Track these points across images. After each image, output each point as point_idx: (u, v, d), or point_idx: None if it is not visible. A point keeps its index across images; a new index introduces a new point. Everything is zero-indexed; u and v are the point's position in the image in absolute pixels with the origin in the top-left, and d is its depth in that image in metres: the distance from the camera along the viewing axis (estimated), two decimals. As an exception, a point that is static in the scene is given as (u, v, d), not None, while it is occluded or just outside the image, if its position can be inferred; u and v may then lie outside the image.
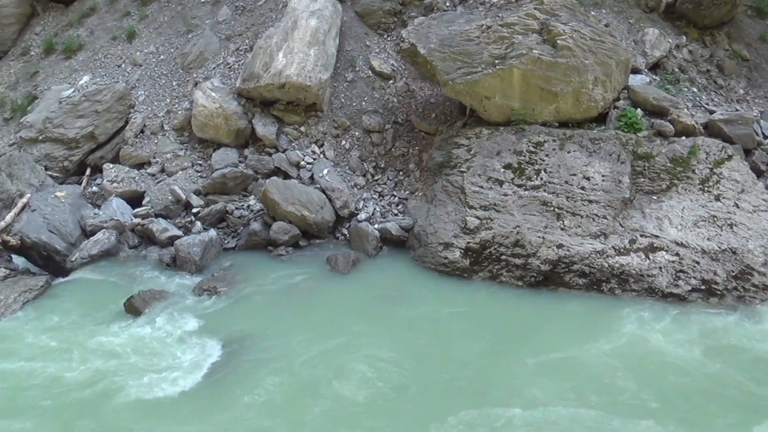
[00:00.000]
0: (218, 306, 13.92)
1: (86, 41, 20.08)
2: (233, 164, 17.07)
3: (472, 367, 11.93)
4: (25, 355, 12.21)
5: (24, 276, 14.77)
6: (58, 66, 19.91)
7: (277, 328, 13.15)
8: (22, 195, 16.19)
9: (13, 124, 18.99)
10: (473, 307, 13.95)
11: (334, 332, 12.94)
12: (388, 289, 14.59)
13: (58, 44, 20.23)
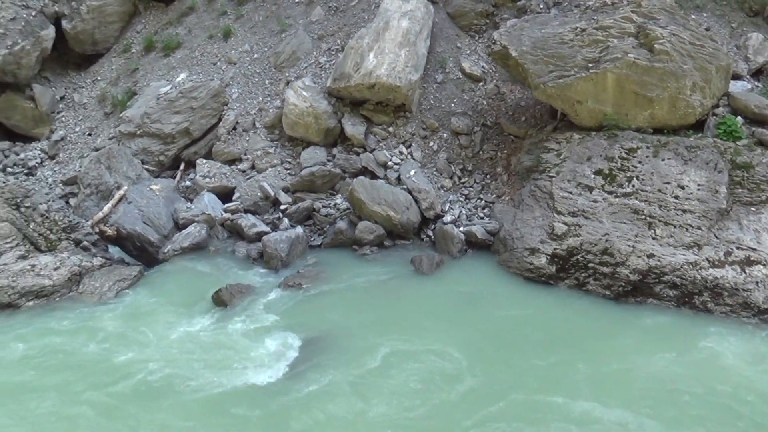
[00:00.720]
0: (302, 302, 14.08)
1: (184, 39, 20.66)
2: (322, 163, 17.25)
3: (540, 373, 11.77)
4: (114, 341, 12.65)
5: (119, 265, 15.29)
6: (157, 63, 20.54)
7: (359, 326, 13.21)
8: (119, 187, 16.78)
9: (113, 118, 19.71)
10: (555, 314, 13.70)
11: (415, 332, 12.93)
12: (471, 293, 14.49)
13: (158, 42, 20.87)
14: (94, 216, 16.30)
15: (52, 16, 20.79)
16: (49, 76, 21.20)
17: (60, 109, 20.76)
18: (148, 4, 21.93)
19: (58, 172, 19.04)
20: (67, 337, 12.74)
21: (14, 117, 20.35)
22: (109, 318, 13.40)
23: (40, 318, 13.31)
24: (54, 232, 15.25)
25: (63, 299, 13.96)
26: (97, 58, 21.67)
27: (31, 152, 19.89)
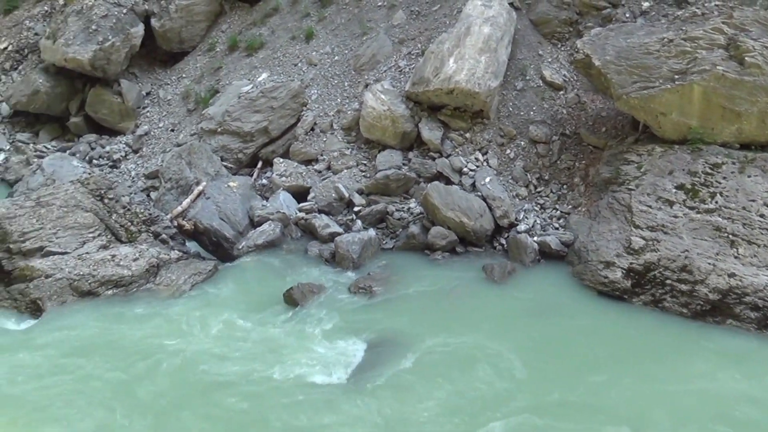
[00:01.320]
0: (371, 304, 14.13)
1: (267, 40, 20.98)
2: (397, 166, 17.27)
3: (601, 387, 11.61)
4: (186, 334, 12.94)
5: (194, 259, 15.60)
6: (240, 63, 20.91)
7: (427, 330, 13.16)
8: (198, 183, 17.14)
9: (196, 115, 20.16)
10: (627, 330, 13.40)
11: (483, 341, 12.83)
12: (542, 303, 14.29)
13: (242, 42, 21.26)
14: (173, 210, 16.70)
15: (142, 14, 21.42)
16: (136, 73, 21.83)
17: (145, 104, 21.34)
18: (233, 5, 22.36)
19: (140, 166, 19.57)
20: (142, 327, 13.08)
21: (102, 111, 21.02)
22: (182, 310, 13.69)
23: (117, 307, 13.69)
24: (134, 224, 15.68)
25: (140, 290, 14.31)
26: (182, 56, 22.21)
27: (116, 145, 20.49)
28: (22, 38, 23.06)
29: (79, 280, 13.95)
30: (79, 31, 20.49)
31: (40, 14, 23.28)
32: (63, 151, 20.51)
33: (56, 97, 21.20)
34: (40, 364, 11.96)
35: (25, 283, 13.90)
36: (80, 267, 14.17)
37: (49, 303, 13.54)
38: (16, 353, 12.24)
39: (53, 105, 21.23)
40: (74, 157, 20.00)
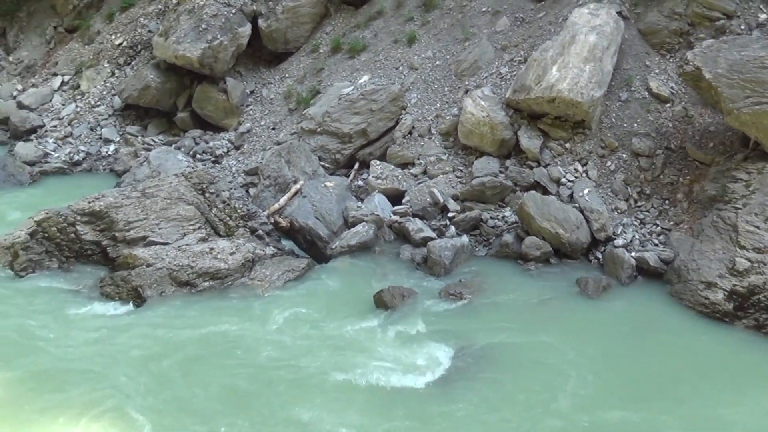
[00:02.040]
0: (461, 311, 14.02)
1: (370, 43, 21.15)
2: (493, 174, 17.11)
3: (693, 410, 11.23)
4: (277, 330, 13.17)
5: (289, 257, 15.86)
6: (342, 64, 21.16)
7: (517, 341, 13.02)
8: (296, 181, 17.43)
9: (297, 114, 20.51)
10: (725, 354, 12.90)
11: (573, 355, 12.57)
12: (637, 321, 13.88)
13: (345, 44, 21.50)
14: (271, 207, 17.03)
15: (250, 15, 21.95)
16: (241, 71, 22.38)
17: (249, 102, 21.85)
18: (338, 7, 22.65)
19: (241, 162, 20.04)
20: (236, 320, 13.40)
21: (207, 107, 21.64)
22: (275, 306, 13.94)
23: (213, 299, 14.07)
24: (233, 219, 16.07)
25: (235, 283, 14.64)
26: (286, 57, 22.64)
27: (219, 141, 21.05)
28: (136, 35, 23.97)
29: (178, 270, 14.39)
30: (190, 30, 21.16)
31: (155, 12, 24.16)
32: (169, 145, 21.21)
33: (165, 93, 21.94)
34: (144, 348, 12.43)
35: (128, 271, 14.43)
36: (180, 258, 14.61)
37: (149, 291, 14.02)
38: (121, 338, 12.74)
39: (162, 100, 21.98)
40: (179, 151, 20.66)
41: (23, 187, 19.73)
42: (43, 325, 12.97)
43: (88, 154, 21.57)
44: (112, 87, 23.26)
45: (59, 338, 12.64)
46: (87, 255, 15.15)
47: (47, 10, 26.43)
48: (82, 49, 24.73)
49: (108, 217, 15.12)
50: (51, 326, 12.97)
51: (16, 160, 20.73)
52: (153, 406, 10.96)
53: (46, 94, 23.76)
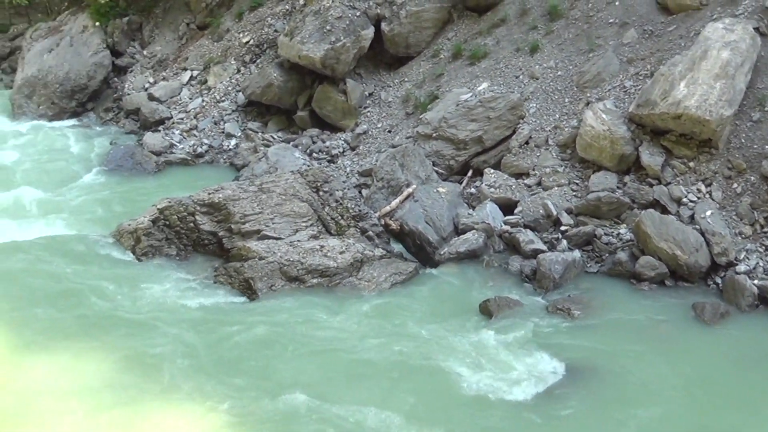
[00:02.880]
0: (568, 327, 13.71)
1: (491, 50, 21.01)
2: (610, 189, 16.66)
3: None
4: (382, 332, 13.19)
5: (397, 259, 15.93)
6: (462, 71, 21.11)
7: (625, 362, 12.60)
8: (408, 185, 17.49)
9: (413, 119, 20.60)
10: None
11: (686, 383, 12.09)
12: (757, 353, 13.17)
13: (466, 50, 21.44)
14: (382, 209, 17.15)
15: (374, 18, 22.20)
16: (362, 73, 22.67)
17: (367, 104, 22.11)
18: (461, 13, 22.61)
19: (356, 163, 20.30)
20: (341, 318, 13.58)
21: (326, 107, 22.02)
22: (381, 308, 14.03)
23: (321, 296, 14.31)
24: (344, 219, 16.29)
25: (343, 282, 14.83)
26: (407, 60, 22.77)
27: (336, 141, 21.39)
28: (263, 34, 24.67)
29: (288, 265, 14.69)
30: (315, 30, 21.61)
31: (282, 12, 24.80)
32: (287, 142, 21.71)
33: (287, 91, 22.47)
34: (254, 337, 12.81)
35: (241, 263, 14.85)
36: (291, 253, 14.92)
37: (260, 283, 14.37)
38: (232, 327, 13.12)
39: (283, 98, 22.53)
40: (296, 148, 21.12)
41: (149, 175, 20.64)
42: (158, 309, 13.52)
43: (210, 147, 22.36)
44: (237, 83, 24.01)
45: (173, 323, 13.12)
46: (204, 244, 15.69)
47: (181, 7, 27.58)
48: (212, 45, 25.67)
49: (225, 209, 15.61)
50: (166, 311, 13.50)
51: (143, 150, 21.71)
52: (259, 396, 11.21)
53: (175, 88, 24.80)
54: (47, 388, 11.16)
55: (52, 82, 24.97)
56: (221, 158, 22.13)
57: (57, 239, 16.02)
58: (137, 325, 12.94)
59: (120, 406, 10.89)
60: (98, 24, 26.56)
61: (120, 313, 13.24)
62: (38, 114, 24.54)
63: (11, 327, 12.62)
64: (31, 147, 22.02)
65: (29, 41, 27.21)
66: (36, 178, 19.86)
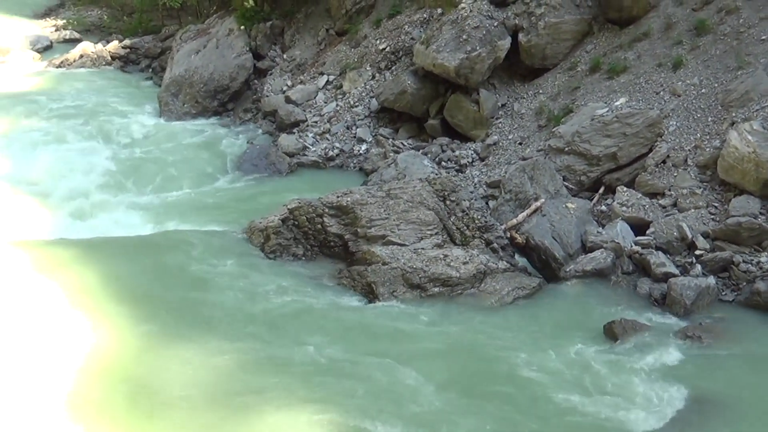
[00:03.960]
0: (699, 356, 13.10)
1: (631, 65, 20.38)
2: (752, 215, 15.79)
3: None
4: (503, 346, 13.04)
5: (520, 274, 15.71)
6: (599, 85, 20.59)
7: (756, 398, 11.93)
8: (537, 198, 17.21)
9: (545, 131, 20.26)
10: None
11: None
12: None
13: (604, 64, 20.90)
14: (508, 221, 16.96)
15: (511, 29, 22.00)
16: (495, 84, 22.49)
17: (499, 115, 21.92)
18: (602, 26, 22.05)
19: (484, 174, 20.16)
20: (461, 329, 13.52)
21: (458, 117, 21.99)
22: (502, 322, 13.90)
23: (442, 305, 14.31)
24: (470, 229, 16.21)
25: (464, 293, 14.78)
26: (542, 72, 22.42)
27: (465, 151, 21.32)
28: (399, 41, 24.91)
29: (411, 272, 14.77)
30: (451, 39, 21.63)
31: (419, 20, 24.96)
32: (417, 150, 21.82)
33: (420, 99, 22.59)
34: (374, 341, 12.97)
35: (364, 266, 15.05)
36: (414, 260, 14.99)
37: (382, 288, 14.52)
38: (354, 330, 13.35)
39: (416, 106, 22.66)
40: (426, 156, 21.19)
41: (281, 176, 21.25)
42: (282, 307, 13.86)
43: (341, 151, 22.77)
44: (371, 89, 24.35)
45: (295, 322, 13.44)
46: (329, 246, 16.00)
47: (322, 14, 28.25)
48: (349, 51, 26.15)
49: (353, 213, 15.86)
50: (289, 309, 13.82)
51: (278, 150, 22.35)
52: (382, 404, 11.28)
53: (311, 92, 25.42)
54: (169, 378, 11.60)
55: (197, 81, 26.12)
56: (351, 162, 22.49)
57: (191, 233, 16.75)
58: (260, 321, 13.32)
59: (236, 403, 11.18)
60: (243, 27, 27.59)
61: (245, 309, 13.66)
62: (182, 112, 25.71)
63: (142, 315, 13.22)
64: (173, 143, 23.10)
65: (179, 42, 28.60)
66: (176, 173, 20.85)
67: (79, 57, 31.23)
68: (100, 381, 11.39)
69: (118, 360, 11.92)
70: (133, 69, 31.51)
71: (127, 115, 24.84)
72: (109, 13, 38.13)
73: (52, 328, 12.52)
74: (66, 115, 24.36)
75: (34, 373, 11.36)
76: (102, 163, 20.88)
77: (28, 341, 12.12)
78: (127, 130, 23.68)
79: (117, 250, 15.70)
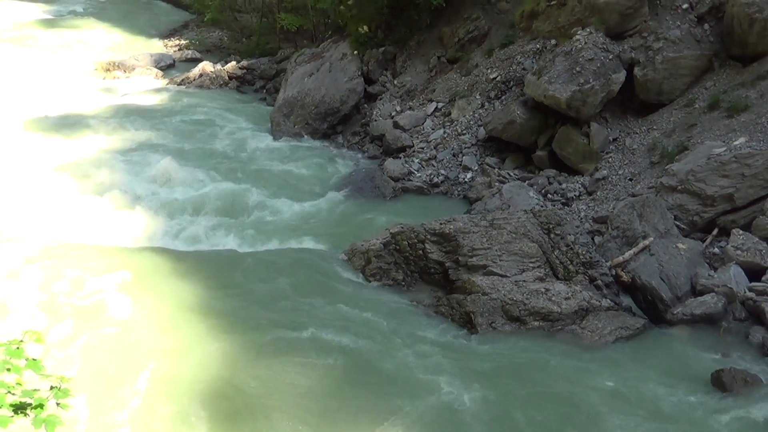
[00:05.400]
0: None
1: (753, 103, 19.55)
2: None
3: None
4: (600, 386, 12.67)
5: (624, 313, 15.20)
6: (717, 123, 19.85)
7: None
8: (645, 237, 16.66)
9: (658, 169, 19.63)
10: None
11: None
12: None
13: (724, 102, 20.14)
14: (614, 258, 16.48)
15: (627, 62, 21.53)
16: (607, 117, 22.02)
17: (609, 150, 21.42)
18: (723, 62, 21.29)
19: (591, 209, 19.69)
20: (562, 368, 13.18)
21: (566, 149, 21.62)
22: (602, 361, 13.49)
23: (541, 340, 13.99)
24: (573, 264, 15.83)
25: (564, 329, 14.41)
26: (657, 108, 21.80)
27: (573, 184, 20.90)
28: (510, 71, 24.77)
29: (511, 304, 14.52)
30: (564, 71, 21.33)
31: (532, 51, 24.76)
32: (522, 181, 21.55)
33: (528, 130, 22.35)
34: (472, 371, 12.85)
35: (464, 296, 14.90)
36: (515, 293, 14.74)
37: (480, 319, 14.33)
38: (451, 358, 13.25)
39: (524, 136, 22.42)
40: (531, 187, 20.90)
41: (385, 199, 21.37)
42: (379, 332, 13.89)
43: (446, 178, 22.73)
44: (480, 118, 24.26)
45: (390, 347, 13.45)
46: (429, 273, 15.94)
47: (434, 41, 28.44)
48: (459, 79, 26.19)
49: (455, 241, 15.76)
50: (385, 335, 13.84)
51: (383, 174, 22.51)
52: None
53: (419, 118, 25.55)
54: (270, 395, 11.83)
55: (309, 103, 26.70)
56: (455, 190, 22.40)
57: (292, 251, 17.07)
58: (356, 345, 13.36)
59: (335, 418, 11.29)
60: (356, 53, 28.07)
61: (342, 330, 13.76)
62: (293, 132, 26.30)
63: (242, 330, 13.55)
64: (281, 162, 23.63)
65: (293, 65, 29.34)
66: (281, 192, 21.27)
67: (199, 76, 32.47)
68: (203, 394, 11.69)
69: (219, 374, 12.22)
70: (248, 89, 32.51)
71: (238, 133, 25.63)
72: (229, 34, 39.56)
73: (152, 337, 12.95)
74: (181, 131, 25.38)
75: (135, 382, 11.76)
76: (209, 178, 21.54)
77: (129, 348, 12.58)
78: (237, 148, 24.43)
79: (219, 263, 16.16)
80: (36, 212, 18.43)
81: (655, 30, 21.84)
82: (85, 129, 25.04)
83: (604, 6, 22.05)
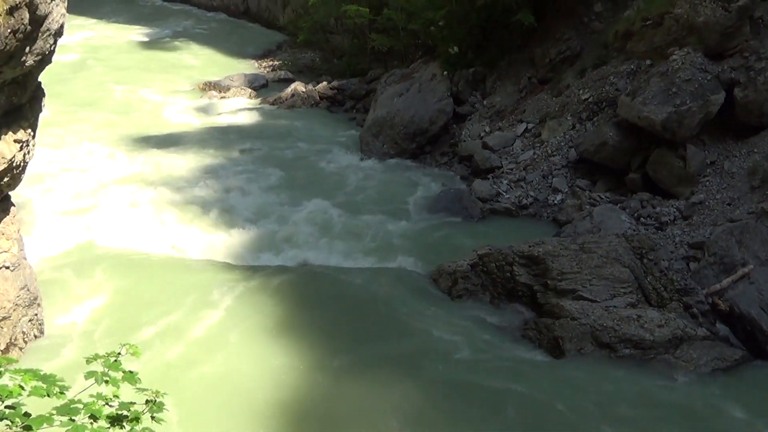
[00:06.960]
0: None
1: None
2: None
3: None
4: (689, 422, 12.22)
5: (721, 343, 14.61)
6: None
7: None
8: (745, 264, 16.01)
9: (759, 193, 18.85)
10: None
11: None
12: None
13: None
14: (711, 286, 15.88)
15: (726, 83, 20.80)
16: (705, 139, 21.29)
17: (706, 173, 20.69)
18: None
19: (687, 234, 19.02)
20: (654, 398, 12.73)
21: (661, 172, 20.99)
22: (697, 393, 12.97)
23: (632, 368, 13.56)
24: (667, 291, 15.35)
25: (656, 357, 13.92)
26: (759, 130, 20.93)
27: (667, 208, 20.26)
28: (603, 92, 24.31)
29: (601, 330, 14.15)
30: (659, 92, 20.78)
31: (625, 72, 24.24)
32: (614, 204, 21.02)
33: (621, 152, 21.84)
34: (567, 401, 12.57)
35: (552, 320, 14.61)
36: (605, 318, 14.35)
37: (569, 344, 14.01)
38: (541, 384, 13.04)
39: (616, 158, 21.92)
40: (624, 211, 20.36)
41: (473, 221, 21.20)
42: (465, 354, 13.79)
43: (535, 200, 22.40)
44: (571, 139, 23.87)
45: (476, 371, 13.34)
46: (517, 296, 15.72)
47: (525, 62, 28.20)
48: (550, 100, 25.87)
49: (544, 264, 15.50)
50: (471, 357, 13.72)
51: (471, 195, 22.36)
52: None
53: (509, 138, 25.33)
54: (345, 412, 11.85)
55: (398, 124, 26.81)
56: (544, 212, 22.04)
57: (378, 270, 17.12)
58: (441, 368, 13.31)
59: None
60: (446, 73, 28.08)
61: (426, 352, 13.71)
62: (381, 152, 26.45)
63: (330, 346, 13.65)
64: (369, 181, 23.80)
65: (383, 85, 29.57)
66: (369, 210, 21.38)
67: (291, 96, 33.09)
68: (290, 413, 11.84)
69: (309, 392, 12.37)
70: (339, 109, 32.90)
71: (328, 152, 25.95)
72: (320, 55, 40.22)
73: (246, 354, 13.18)
74: (273, 149, 25.86)
75: (227, 400, 11.98)
76: (301, 195, 21.86)
77: (222, 365, 12.84)
78: (327, 166, 24.75)
79: (306, 280, 16.35)
80: (135, 226, 19.06)
81: (756, 50, 21.06)
82: (182, 147, 25.83)
83: (703, 25, 21.40)
